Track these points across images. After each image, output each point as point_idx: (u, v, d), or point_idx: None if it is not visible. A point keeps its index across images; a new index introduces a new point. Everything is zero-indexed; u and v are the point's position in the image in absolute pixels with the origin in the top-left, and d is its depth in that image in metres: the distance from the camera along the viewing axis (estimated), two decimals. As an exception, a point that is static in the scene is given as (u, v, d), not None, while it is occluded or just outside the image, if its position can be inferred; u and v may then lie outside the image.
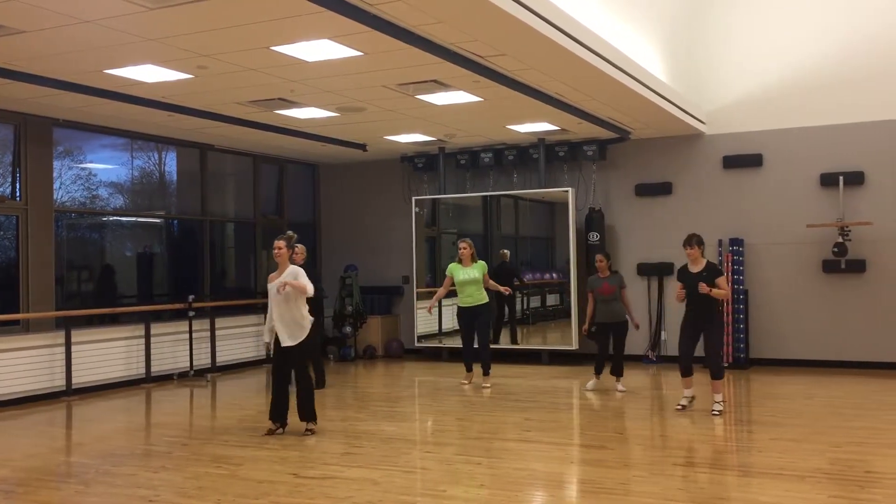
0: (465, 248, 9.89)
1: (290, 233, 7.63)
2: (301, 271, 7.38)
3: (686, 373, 8.09)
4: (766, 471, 5.96)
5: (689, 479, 5.92)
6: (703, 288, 7.78)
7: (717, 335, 8.15)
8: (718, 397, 8.00)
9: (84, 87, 8.43)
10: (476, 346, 10.08)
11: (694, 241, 8.06)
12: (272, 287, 7.34)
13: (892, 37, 10.80)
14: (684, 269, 8.15)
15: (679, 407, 8.18)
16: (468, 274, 9.84)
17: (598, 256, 9.59)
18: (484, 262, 10.04)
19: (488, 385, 9.90)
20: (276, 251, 7.41)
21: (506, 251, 12.90)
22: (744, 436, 7.34)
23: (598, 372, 9.62)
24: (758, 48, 11.54)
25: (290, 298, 7.29)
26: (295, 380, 7.55)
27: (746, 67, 11.59)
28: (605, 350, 9.52)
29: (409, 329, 13.32)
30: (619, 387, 9.40)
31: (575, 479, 6.16)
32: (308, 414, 7.52)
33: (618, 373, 9.46)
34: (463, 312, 10.06)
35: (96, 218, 11.58)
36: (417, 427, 8.15)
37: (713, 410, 7.90)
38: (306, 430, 7.46)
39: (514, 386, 10.19)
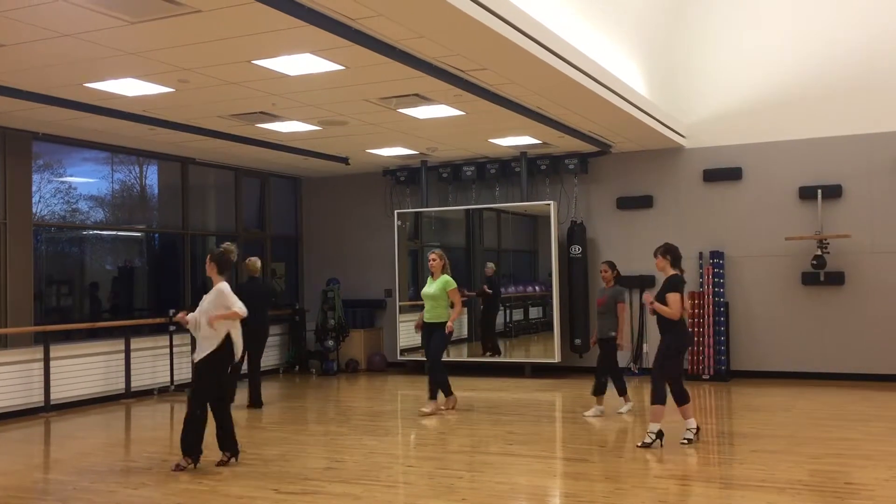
0: (432, 261, 9.18)
1: (225, 245, 7.00)
2: (225, 289, 6.71)
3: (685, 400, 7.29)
4: (747, 483, 5.98)
5: (671, 491, 5.93)
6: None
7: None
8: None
9: (64, 100, 8.40)
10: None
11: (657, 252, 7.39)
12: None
13: (870, 52, 10.95)
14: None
15: (686, 441, 7.24)
16: (428, 288, 9.16)
17: (602, 266, 8.93)
18: (448, 279, 9.09)
19: (428, 410, 8.99)
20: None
21: (491, 265, 12.91)
22: (724, 448, 7.36)
23: (599, 393, 8.79)
24: (737, 63, 11.67)
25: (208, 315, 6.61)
26: (188, 402, 6.80)
27: (726, 82, 11.72)
28: (602, 369, 8.81)
29: (392, 342, 13.29)
30: (596, 410, 8.76)
31: (557, 492, 6.17)
32: (183, 444, 6.65)
33: (601, 391, 8.83)
34: (423, 327, 9.30)
35: (76, 232, 11.49)
36: (399, 441, 8.13)
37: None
38: (178, 465, 6.64)
39: (497, 399, 10.18)
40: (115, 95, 8.26)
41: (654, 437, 7.12)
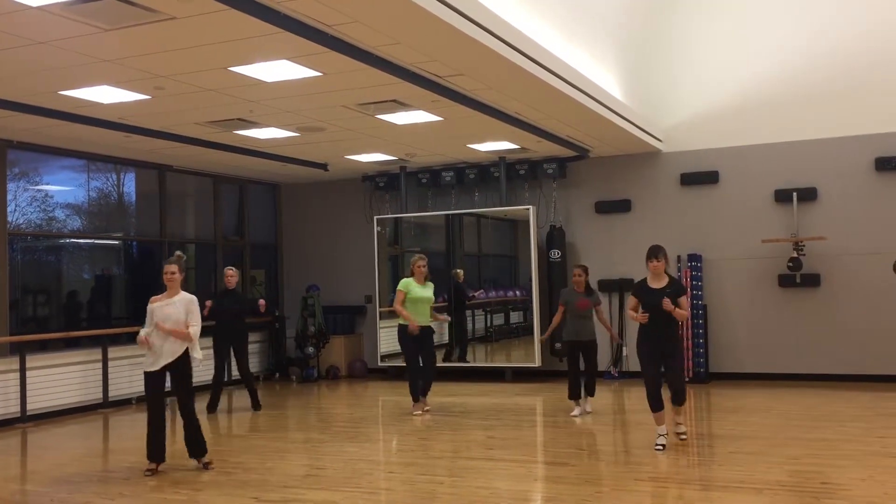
0: (422, 266, 9.41)
1: (178, 253, 7.15)
2: (194, 300, 6.90)
3: (659, 406, 7.21)
4: (726, 484, 6.03)
5: (651, 493, 5.96)
6: (667, 304, 7.00)
7: (681, 359, 7.53)
8: (682, 419, 7.55)
9: (39, 108, 8.33)
10: (424, 367, 9.50)
11: (661, 253, 7.24)
12: (157, 308, 6.80)
13: (844, 56, 11.07)
14: (644, 284, 7.34)
15: (659, 447, 7.13)
16: (426, 293, 9.38)
17: (577, 269, 9.06)
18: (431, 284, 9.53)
19: (420, 412, 9.37)
20: (168, 276, 6.87)
21: (459, 271, 12.91)
22: (704, 449, 7.41)
23: (576, 396, 9.00)
24: (713, 67, 11.78)
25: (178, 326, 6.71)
26: (179, 411, 6.86)
27: (702, 86, 11.81)
28: (578, 370, 9.00)
29: (373, 349, 13.26)
30: (587, 407, 9.06)
31: (538, 496, 6.18)
32: (199, 449, 6.89)
33: (591, 392, 9.09)
34: (419, 330, 9.38)
35: (53, 240, 11.39)
36: (381, 447, 8.11)
37: (681, 436, 7.48)
38: (201, 464, 6.86)
39: (477, 404, 10.18)
40: (90, 103, 8.20)
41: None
